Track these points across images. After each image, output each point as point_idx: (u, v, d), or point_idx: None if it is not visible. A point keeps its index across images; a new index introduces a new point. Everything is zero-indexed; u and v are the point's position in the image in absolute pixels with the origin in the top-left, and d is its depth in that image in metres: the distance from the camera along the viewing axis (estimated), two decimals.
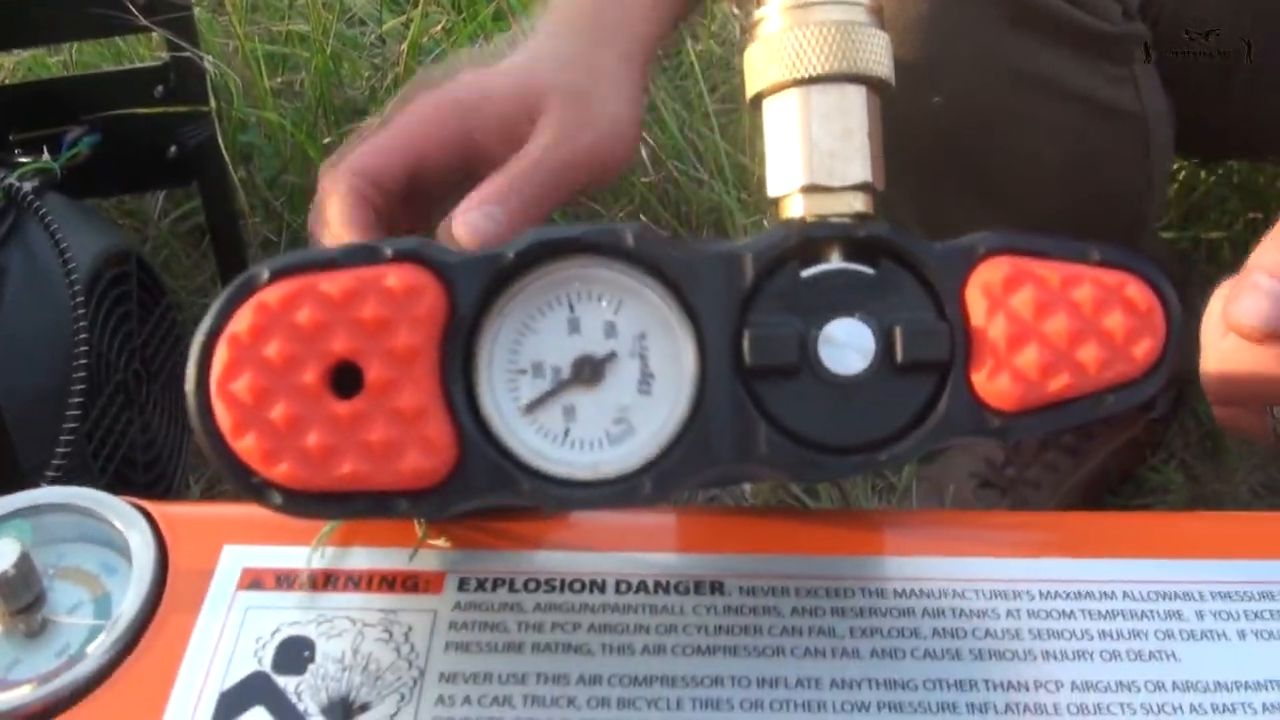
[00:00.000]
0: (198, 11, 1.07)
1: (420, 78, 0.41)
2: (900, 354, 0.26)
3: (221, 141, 0.96)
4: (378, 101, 1.08)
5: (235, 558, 0.30)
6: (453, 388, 0.26)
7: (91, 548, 0.32)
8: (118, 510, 0.32)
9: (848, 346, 0.26)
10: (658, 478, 0.26)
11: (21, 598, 0.30)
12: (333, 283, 0.26)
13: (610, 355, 0.26)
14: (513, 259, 0.26)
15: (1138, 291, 0.26)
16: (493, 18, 1.11)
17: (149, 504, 0.32)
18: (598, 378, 0.27)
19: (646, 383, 0.26)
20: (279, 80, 1.13)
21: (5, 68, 1.25)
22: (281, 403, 0.25)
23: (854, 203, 0.27)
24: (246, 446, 0.25)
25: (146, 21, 0.86)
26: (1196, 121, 0.70)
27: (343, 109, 1.10)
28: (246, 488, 0.26)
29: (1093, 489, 0.86)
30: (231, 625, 0.29)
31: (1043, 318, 0.26)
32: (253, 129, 1.12)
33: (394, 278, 0.26)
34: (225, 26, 1.16)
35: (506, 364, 0.27)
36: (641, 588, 0.29)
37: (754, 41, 0.29)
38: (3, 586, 0.30)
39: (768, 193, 0.28)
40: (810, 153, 0.27)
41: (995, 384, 0.26)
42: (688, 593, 0.29)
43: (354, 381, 0.26)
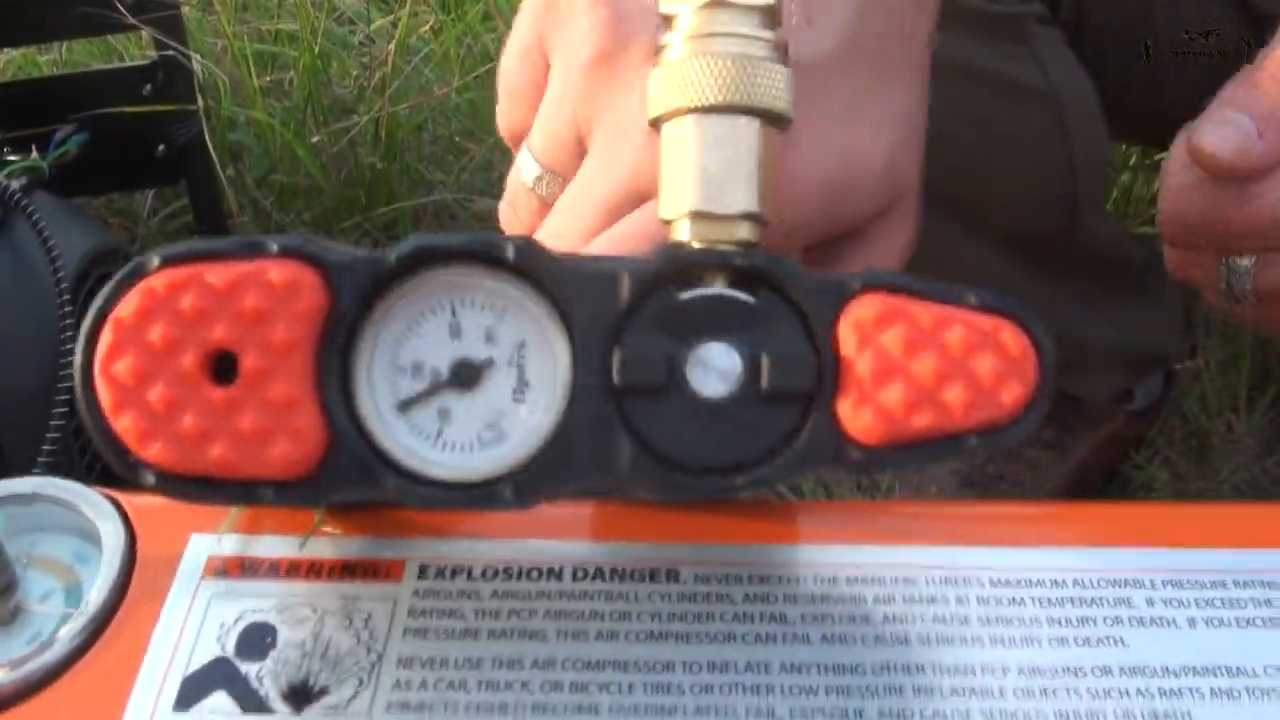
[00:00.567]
0: (187, 11, 1.07)
1: None
2: (766, 381, 0.26)
3: (210, 140, 0.96)
4: (366, 100, 1.08)
5: (202, 546, 0.31)
6: (328, 381, 0.26)
7: (63, 537, 0.32)
8: (88, 499, 0.32)
9: (715, 370, 0.26)
10: (519, 486, 0.26)
11: None
12: (217, 274, 0.26)
13: (488, 361, 0.27)
14: (394, 262, 0.26)
15: (1011, 337, 0.26)
16: (481, 18, 1.12)
17: (119, 493, 0.32)
18: (475, 382, 0.27)
19: (521, 391, 0.27)
20: (268, 79, 1.13)
21: None
22: (160, 385, 0.26)
23: (739, 230, 0.28)
24: (124, 426, 0.26)
25: (135, 20, 0.86)
26: (1131, 106, 0.70)
27: (331, 108, 1.10)
28: (123, 466, 0.26)
29: (1076, 486, 0.86)
30: (196, 612, 0.29)
31: (911, 356, 0.26)
32: (242, 128, 1.12)
33: (276, 272, 0.26)
34: (214, 26, 1.16)
35: (386, 362, 0.27)
36: (598, 575, 0.30)
37: (658, 66, 0.29)
38: None
39: (659, 215, 0.28)
40: (699, 180, 0.28)
41: (859, 418, 0.26)
42: (643, 580, 0.30)
43: (231, 369, 0.26)
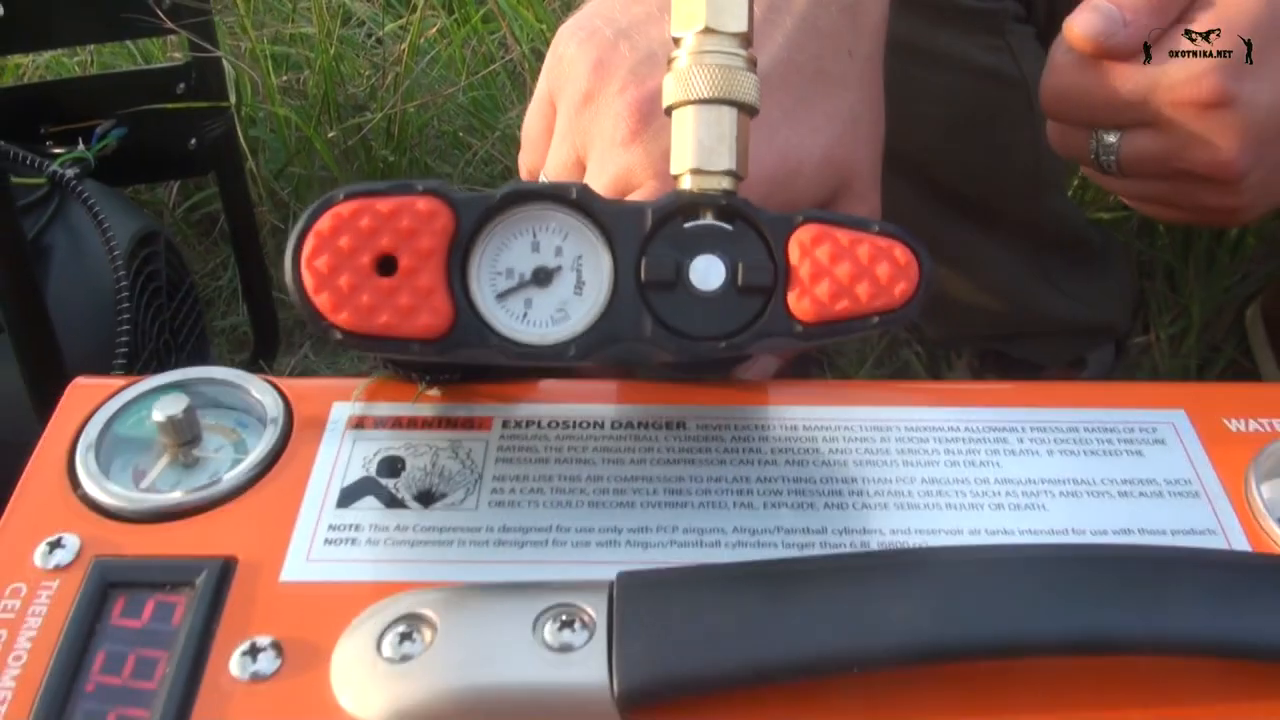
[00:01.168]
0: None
1: None
2: (740, 281, 0.38)
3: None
4: (378, 99, 1.17)
5: (342, 411, 0.42)
6: (453, 276, 0.37)
7: (231, 412, 0.42)
8: (252, 381, 0.43)
9: (708, 273, 0.38)
10: (578, 348, 0.38)
11: (184, 435, 0.40)
12: (384, 204, 0.37)
13: (557, 268, 0.38)
14: (497, 200, 0.38)
15: (901, 253, 0.38)
16: (483, 20, 1.19)
17: (276, 379, 0.43)
18: (548, 281, 0.38)
19: (579, 287, 0.38)
20: (285, 78, 1.21)
21: (28, 68, 1.32)
22: (345, 275, 0.36)
23: (723, 182, 0.39)
24: (322, 301, 0.36)
25: (172, 24, 0.93)
26: None
27: (345, 105, 1.18)
28: (320, 328, 0.37)
29: None
30: (344, 450, 0.41)
31: (835, 264, 0.37)
32: (260, 124, 1.19)
33: (422, 204, 0.37)
34: (232, 29, 1.23)
35: (490, 266, 0.38)
36: (629, 425, 0.42)
37: (670, 72, 0.40)
38: (174, 425, 0.40)
39: (670, 170, 0.40)
40: (696, 148, 0.39)
41: (801, 304, 0.38)
42: (660, 428, 0.42)
43: (392, 266, 0.37)
